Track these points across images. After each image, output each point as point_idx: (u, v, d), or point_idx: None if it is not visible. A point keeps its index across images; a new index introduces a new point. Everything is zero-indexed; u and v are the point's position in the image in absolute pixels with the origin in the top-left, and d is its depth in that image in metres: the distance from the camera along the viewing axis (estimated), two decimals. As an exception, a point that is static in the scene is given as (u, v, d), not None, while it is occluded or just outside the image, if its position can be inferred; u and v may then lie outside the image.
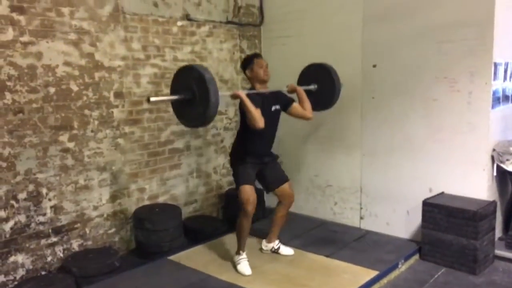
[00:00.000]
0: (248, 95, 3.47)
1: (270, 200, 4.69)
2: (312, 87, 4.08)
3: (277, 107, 3.75)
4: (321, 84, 4.08)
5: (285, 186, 3.90)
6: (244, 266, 3.73)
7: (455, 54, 3.99)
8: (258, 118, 3.40)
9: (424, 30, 4.14)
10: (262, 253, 4.10)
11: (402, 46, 4.31)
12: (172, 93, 3.21)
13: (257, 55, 3.84)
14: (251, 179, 3.69)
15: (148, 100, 3.05)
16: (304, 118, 3.87)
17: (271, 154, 3.90)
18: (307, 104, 3.81)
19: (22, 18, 3.53)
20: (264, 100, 3.64)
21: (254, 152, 3.70)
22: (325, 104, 4.12)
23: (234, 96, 3.48)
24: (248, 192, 3.61)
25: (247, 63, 3.74)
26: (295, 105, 3.81)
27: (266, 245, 4.11)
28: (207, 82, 2.94)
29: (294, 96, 3.88)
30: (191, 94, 3.03)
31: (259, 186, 3.93)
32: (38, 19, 3.62)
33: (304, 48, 5.09)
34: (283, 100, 3.81)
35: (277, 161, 3.98)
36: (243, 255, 3.78)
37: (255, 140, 3.65)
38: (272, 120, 3.71)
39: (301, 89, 3.87)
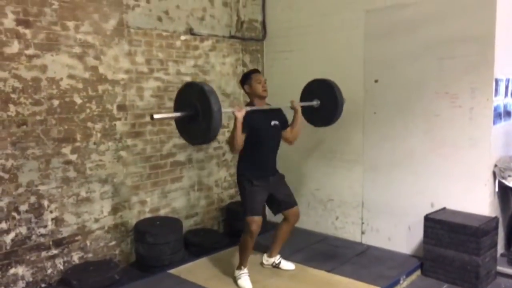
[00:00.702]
0: (249, 114, 3.46)
1: (272, 214, 4.67)
2: (315, 103, 4.09)
3: (277, 122, 3.76)
4: (324, 100, 4.08)
5: (294, 210, 3.89)
6: (244, 280, 3.71)
7: (456, 70, 4.01)
8: (235, 144, 3.42)
9: (426, 46, 4.17)
10: (263, 267, 4.07)
11: (404, 62, 4.34)
12: (175, 108, 3.23)
13: (255, 71, 3.86)
14: (258, 209, 3.64)
15: (152, 118, 3.04)
16: (286, 142, 3.89)
17: (276, 173, 3.85)
18: (296, 130, 3.84)
19: (27, 32, 3.58)
20: (264, 116, 3.66)
21: (258, 171, 3.65)
22: (327, 120, 4.13)
23: (234, 116, 3.46)
24: (256, 221, 3.58)
25: (246, 78, 3.76)
26: (288, 130, 3.85)
27: (267, 260, 4.09)
28: (208, 96, 2.96)
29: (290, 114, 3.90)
30: (194, 110, 3.04)
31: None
32: (44, 32, 3.67)
33: (306, 63, 5.12)
34: (282, 120, 3.83)
35: (285, 183, 3.93)
36: (244, 270, 3.76)
37: (259, 157, 3.63)
38: (271, 134, 3.72)
39: (299, 111, 3.87)
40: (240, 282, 3.71)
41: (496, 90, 3.91)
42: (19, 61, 3.55)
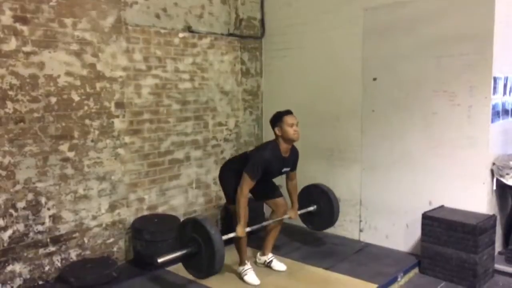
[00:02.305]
0: (268, 161, 3.55)
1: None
2: (312, 208, 4.29)
3: (288, 169, 3.82)
4: (320, 205, 4.31)
5: (280, 200, 3.96)
6: (251, 276, 3.74)
7: (454, 68, 4.01)
8: (239, 217, 3.54)
9: (424, 45, 4.17)
10: (257, 266, 4.07)
11: (402, 60, 4.34)
12: (178, 243, 3.40)
13: (288, 112, 3.70)
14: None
15: (156, 262, 3.18)
16: (289, 182, 4.01)
17: None
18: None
19: (25, 28, 3.57)
20: (281, 163, 3.68)
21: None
22: (325, 224, 4.37)
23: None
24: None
25: (277, 120, 3.67)
26: (294, 173, 3.96)
27: (259, 258, 4.09)
28: (211, 235, 3.11)
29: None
30: (196, 246, 3.20)
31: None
32: (41, 29, 3.66)
33: (305, 61, 5.12)
34: (294, 164, 3.90)
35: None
36: (248, 265, 3.78)
37: (255, 187, 3.64)
38: (276, 176, 3.81)
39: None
40: (247, 278, 3.74)
41: (495, 88, 3.92)
42: (17, 58, 3.54)
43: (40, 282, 3.75)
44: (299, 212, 4.14)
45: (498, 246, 4.20)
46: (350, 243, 4.72)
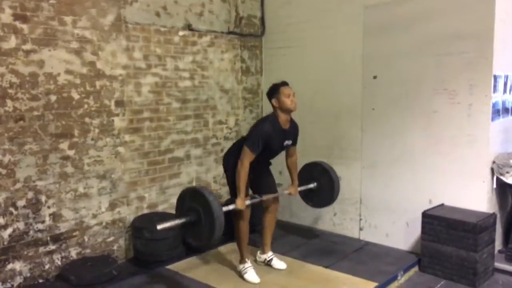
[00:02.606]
0: (268, 131, 3.53)
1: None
2: (312, 185, 4.23)
3: (289, 142, 3.78)
4: (320, 182, 4.26)
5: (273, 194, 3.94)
6: (251, 274, 3.73)
7: (454, 66, 4.01)
8: (239, 190, 3.50)
9: (425, 43, 4.16)
10: (258, 264, 4.07)
11: (402, 58, 4.33)
12: (177, 211, 3.35)
13: (284, 83, 3.73)
14: (246, 191, 3.67)
15: (156, 228, 3.15)
16: (289, 158, 3.98)
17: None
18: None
19: (25, 27, 3.56)
20: (281, 135, 3.66)
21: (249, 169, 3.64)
22: (325, 201, 4.31)
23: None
24: (243, 212, 3.67)
25: (273, 92, 3.68)
26: (294, 148, 3.93)
27: (260, 257, 4.09)
28: (210, 203, 3.08)
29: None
30: (196, 215, 3.16)
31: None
32: (41, 27, 3.65)
33: (305, 59, 5.12)
34: (295, 138, 3.88)
35: (270, 170, 4.00)
36: (249, 263, 3.78)
37: (255, 161, 3.60)
38: (278, 151, 3.79)
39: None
40: (247, 276, 3.73)
41: (495, 86, 3.91)
42: (17, 56, 3.53)
43: (41, 281, 3.75)
44: (299, 189, 4.09)
45: (498, 244, 4.20)
46: (350, 241, 4.72)
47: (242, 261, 3.81)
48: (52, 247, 3.82)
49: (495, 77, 3.89)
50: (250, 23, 5.42)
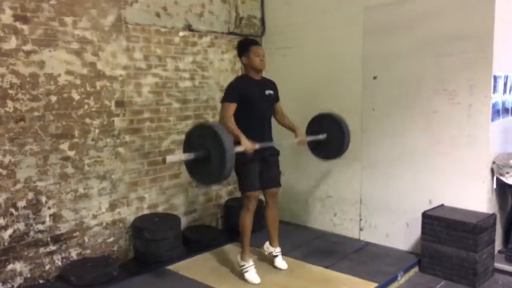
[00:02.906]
0: (240, 82, 3.57)
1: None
2: (321, 136, 4.09)
3: (271, 92, 3.79)
4: (330, 133, 4.10)
5: (275, 190, 3.93)
6: (252, 274, 3.71)
7: (455, 67, 4.01)
8: (237, 134, 3.42)
9: (424, 43, 4.17)
10: (265, 255, 4.07)
11: (402, 58, 4.34)
12: (185, 150, 3.22)
13: (255, 42, 3.80)
14: (256, 183, 3.68)
15: (164, 161, 3.06)
16: (274, 117, 3.92)
17: (273, 148, 3.83)
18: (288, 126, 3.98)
19: (25, 27, 3.56)
20: (257, 85, 3.69)
21: (256, 138, 3.55)
22: (335, 153, 4.15)
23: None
24: (254, 196, 3.69)
25: (243, 49, 3.70)
26: (279, 104, 3.92)
27: (268, 247, 4.07)
28: (222, 139, 2.95)
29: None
30: (206, 152, 3.04)
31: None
32: (42, 28, 3.66)
33: (305, 59, 5.12)
34: (275, 92, 3.88)
35: (277, 161, 3.94)
36: (250, 262, 3.76)
37: (252, 125, 3.61)
38: (267, 103, 3.76)
39: (305, 141, 3.98)
40: (247, 275, 3.71)
41: (495, 87, 3.91)
42: (17, 57, 3.54)
43: (41, 281, 3.76)
44: (308, 139, 4.02)
45: (498, 245, 4.20)
46: (350, 241, 4.72)
47: (243, 257, 3.77)
48: (52, 247, 3.82)
49: (495, 78, 3.90)
50: (250, 23, 5.43)
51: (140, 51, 4.35)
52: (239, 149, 3.34)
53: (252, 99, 3.61)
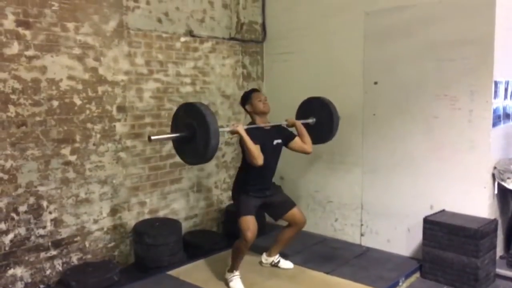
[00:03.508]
0: (249, 130, 3.47)
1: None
2: (311, 120, 4.12)
3: (279, 141, 3.76)
4: (319, 117, 4.12)
5: (294, 210, 3.85)
6: (236, 283, 3.68)
7: (455, 72, 4.02)
8: (257, 155, 3.39)
9: (425, 48, 4.17)
10: (262, 266, 4.07)
11: (403, 64, 4.34)
12: (172, 129, 3.25)
13: (255, 90, 3.86)
14: (252, 210, 3.61)
15: (149, 139, 3.08)
16: (304, 152, 3.89)
17: (273, 186, 3.89)
18: (307, 138, 3.84)
19: (27, 33, 3.58)
20: (266, 134, 3.65)
21: (255, 186, 3.65)
22: (324, 137, 4.15)
23: (234, 132, 3.44)
24: (249, 221, 3.53)
25: (246, 98, 3.75)
26: (297, 139, 3.84)
27: (266, 259, 4.09)
28: (207, 120, 2.97)
29: (293, 130, 3.92)
30: (192, 130, 3.06)
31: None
32: (44, 33, 3.68)
33: (306, 65, 5.13)
34: (285, 134, 3.83)
35: (281, 191, 4.00)
36: (236, 273, 3.72)
37: (257, 174, 3.61)
38: (274, 154, 3.74)
39: (300, 124, 3.90)
40: (232, 284, 3.68)
41: (496, 92, 3.92)
42: (19, 62, 3.55)
43: (41, 286, 3.75)
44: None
45: (499, 250, 4.19)
46: (351, 247, 4.71)
47: (231, 269, 3.74)
48: (53, 252, 3.82)
49: (496, 83, 3.90)
50: (251, 29, 5.45)
51: (141, 56, 4.37)
52: (226, 129, 3.46)
53: (262, 148, 3.52)
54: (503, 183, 3.96)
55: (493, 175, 4.01)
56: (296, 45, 5.22)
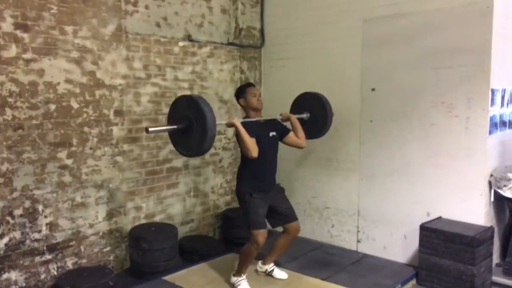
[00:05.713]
0: (244, 123, 3.49)
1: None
2: (305, 115, 4.11)
3: (274, 133, 3.76)
4: (313, 113, 4.11)
5: (295, 224, 3.87)
6: (244, 287, 3.70)
7: (452, 80, 4.03)
8: (251, 147, 3.40)
9: (423, 56, 4.19)
10: (258, 274, 4.06)
11: (401, 71, 4.36)
12: (169, 121, 3.25)
13: (250, 85, 3.87)
14: (263, 223, 3.61)
15: (147, 131, 3.08)
16: (298, 147, 3.91)
17: (276, 187, 3.87)
18: (301, 133, 3.85)
19: (25, 36, 3.58)
20: (261, 127, 3.66)
21: (258, 182, 3.63)
22: (317, 133, 4.14)
23: (230, 125, 3.46)
24: (262, 233, 3.55)
25: (240, 92, 3.76)
26: (291, 134, 3.84)
27: (261, 267, 4.07)
28: (204, 112, 2.98)
29: (287, 124, 3.92)
30: (188, 122, 3.07)
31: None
32: (42, 37, 3.67)
33: (304, 71, 5.14)
34: (280, 128, 3.84)
35: (285, 196, 3.99)
36: (243, 277, 3.75)
37: (257, 168, 3.61)
38: (271, 146, 3.73)
39: (295, 118, 3.90)
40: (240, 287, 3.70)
41: (492, 100, 3.94)
42: (17, 65, 3.55)
43: (36, 290, 3.73)
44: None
45: (495, 258, 4.19)
46: (348, 253, 4.70)
47: (238, 273, 3.77)
48: (48, 256, 3.80)
49: (493, 91, 3.92)
50: (249, 34, 5.46)
51: (139, 60, 4.37)
52: (223, 121, 3.49)
53: (259, 141, 3.54)
54: (499, 190, 3.97)
55: (490, 183, 4.03)
56: (294, 51, 5.23)
